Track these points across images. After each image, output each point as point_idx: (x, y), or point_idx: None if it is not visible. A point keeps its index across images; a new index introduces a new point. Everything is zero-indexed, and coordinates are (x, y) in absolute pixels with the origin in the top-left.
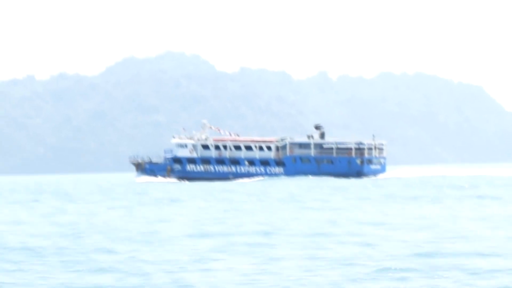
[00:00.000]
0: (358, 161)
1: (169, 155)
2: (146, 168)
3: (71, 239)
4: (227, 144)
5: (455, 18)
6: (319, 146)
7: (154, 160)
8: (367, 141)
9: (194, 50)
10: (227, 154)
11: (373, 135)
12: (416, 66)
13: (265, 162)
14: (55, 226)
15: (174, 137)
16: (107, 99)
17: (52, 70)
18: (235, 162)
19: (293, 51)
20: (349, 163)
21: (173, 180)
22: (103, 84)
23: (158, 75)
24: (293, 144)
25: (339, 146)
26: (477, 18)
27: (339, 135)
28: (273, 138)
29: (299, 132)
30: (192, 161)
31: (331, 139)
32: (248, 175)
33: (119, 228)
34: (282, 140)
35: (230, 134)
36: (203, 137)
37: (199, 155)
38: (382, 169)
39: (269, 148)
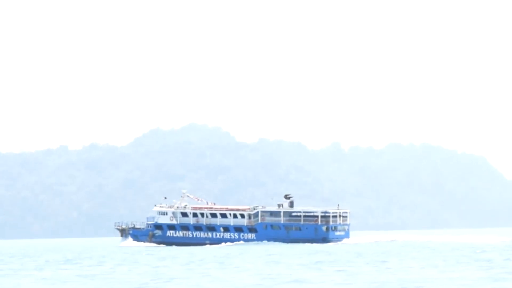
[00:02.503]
0: (324, 228)
1: (151, 222)
2: (130, 233)
3: None
4: (204, 212)
5: (458, 92)
6: (288, 214)
7: (137, 226)
8: (332, 209)
9: (216, 122)
10: (204, 221)
11: (338, 204)
12: (422, 137)
13: (238, 229)
14: None
15: (155, 206)
16: (136, 168)
17: (84, 140)
18: (211, 228)
19: (307, 123)
20: (315, 229)
21: (153, 244)
22: (133, 154)
23: (183, 146)
24: (264, 212)
25: (306, 214)
26: (478, 92)
27: (353, 203)
28: (246, 206)
29: (316, 199)
30: (172, 227)
31: (299, 207)
32: (223, 240)
33: None
34: (254, 208)
35: (207, 203)
36: (182, 205)
37: (178, 222)
38: (346, 235)
39: (242, 215)
